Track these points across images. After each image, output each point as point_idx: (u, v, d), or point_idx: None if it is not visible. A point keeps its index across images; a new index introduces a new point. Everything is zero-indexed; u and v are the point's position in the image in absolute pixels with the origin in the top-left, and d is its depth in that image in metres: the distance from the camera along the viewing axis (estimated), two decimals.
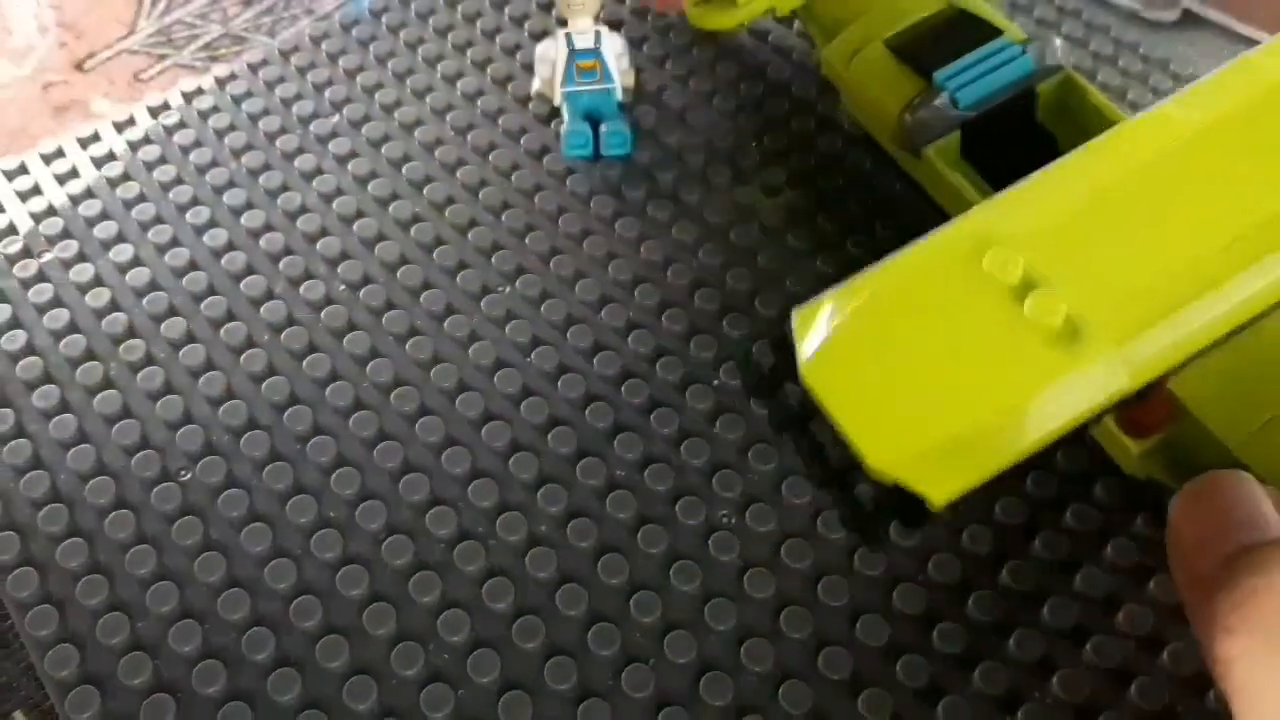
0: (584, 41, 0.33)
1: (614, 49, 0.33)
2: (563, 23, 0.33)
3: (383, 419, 0.28)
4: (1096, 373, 0.19)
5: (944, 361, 0.19)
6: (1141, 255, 0.20)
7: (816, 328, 0.20)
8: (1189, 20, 0.38)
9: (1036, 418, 0.19)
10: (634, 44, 0.36)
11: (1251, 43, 0.37)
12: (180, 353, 0.29)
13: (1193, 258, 0.20)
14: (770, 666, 0.24)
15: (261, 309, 0.30)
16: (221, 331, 0.30)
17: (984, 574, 0.25)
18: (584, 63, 0.33)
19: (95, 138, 0.34)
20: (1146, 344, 0.19)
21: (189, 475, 0.27)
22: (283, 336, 0.30)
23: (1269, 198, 0.20)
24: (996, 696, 0.24)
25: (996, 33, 0.29)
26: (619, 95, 0.34)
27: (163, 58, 0.35)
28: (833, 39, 0.32)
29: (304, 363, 0.29)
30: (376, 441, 0.28)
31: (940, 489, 0.19)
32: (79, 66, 0.37)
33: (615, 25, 0.37)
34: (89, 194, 0.33)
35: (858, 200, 0.32)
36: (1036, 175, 0.22)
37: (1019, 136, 0.29)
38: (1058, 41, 0.35)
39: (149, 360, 0.29)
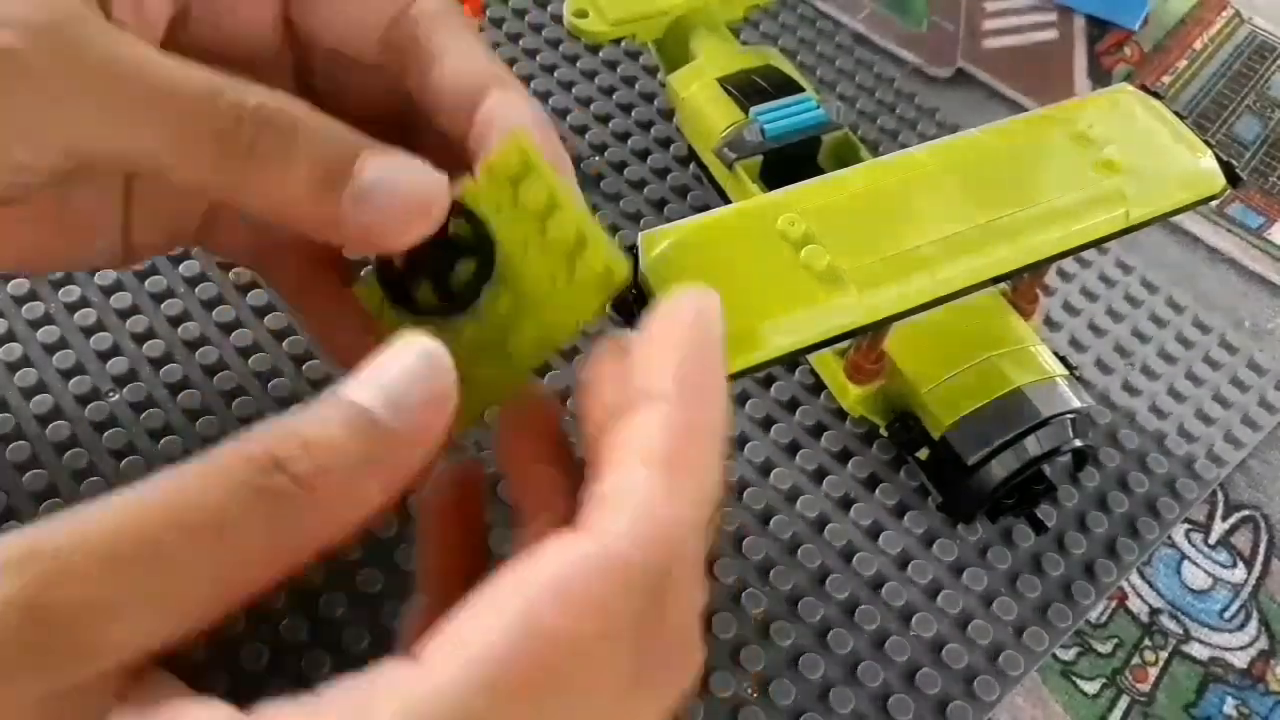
0: None
1: None
2: None
3: None
4: (843, 306, 0.28)
5: (742, 277, 0.28)
6: (883, 238, 0.29)
7: (658, 244, 0.28)
8: (961, 77, 0.46)
9: (799, 327, 0.27)
10: (505, 64, 0.43)
11: (1007, 100, 0.45)
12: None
13: (915, 246, 0.29)
14: None
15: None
16: None
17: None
18: None
19: None
20: (878, 295, 0.28)
21: None
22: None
23: (967, 219, 0.29)
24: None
25: (801, 89, 0.38)
26: None
27: None
28: (675, 69, 0.40)
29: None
30: None
31: (730, 362, 0.26)
32: None
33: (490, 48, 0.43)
34: None
35: (677, 206, 0.40)
36: (823, 177, 0.31)
37: (802, 170, 0.37)
38: (841, 105, 0.43)
39: None
